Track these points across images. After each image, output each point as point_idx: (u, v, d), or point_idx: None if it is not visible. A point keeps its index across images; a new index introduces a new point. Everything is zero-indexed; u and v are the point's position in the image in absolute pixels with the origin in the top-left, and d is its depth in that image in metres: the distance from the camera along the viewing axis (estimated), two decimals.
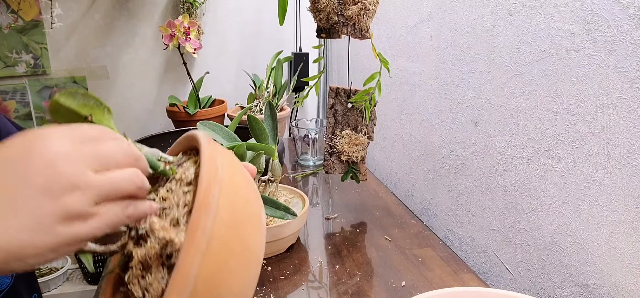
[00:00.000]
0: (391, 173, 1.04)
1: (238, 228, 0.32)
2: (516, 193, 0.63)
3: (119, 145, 0.31)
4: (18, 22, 1.17)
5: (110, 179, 0.30)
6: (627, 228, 0.47)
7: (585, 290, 0.53)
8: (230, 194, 0.32)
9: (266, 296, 0.59)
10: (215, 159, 0.33)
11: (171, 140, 1.02)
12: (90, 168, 0.29)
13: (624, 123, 0.47)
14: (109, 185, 0.30)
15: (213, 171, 0.32)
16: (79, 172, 0.28)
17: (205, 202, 0.30)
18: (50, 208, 0.27)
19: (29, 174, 0.27)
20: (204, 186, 0.30)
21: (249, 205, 0.35)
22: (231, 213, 0.32)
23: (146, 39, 1.32)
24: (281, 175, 0.71)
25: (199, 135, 0.36)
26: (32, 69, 1.21)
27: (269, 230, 0.65)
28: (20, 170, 0.27)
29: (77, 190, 0.28)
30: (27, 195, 0.27)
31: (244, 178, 0.37)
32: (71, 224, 0.28)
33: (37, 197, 0.27)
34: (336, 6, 0.66)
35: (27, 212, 0.27)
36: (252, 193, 0.37)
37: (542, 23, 0.56)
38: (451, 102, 0.76)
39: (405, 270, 0.65)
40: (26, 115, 1.24)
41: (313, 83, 0.78)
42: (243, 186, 0.35)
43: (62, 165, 0.28)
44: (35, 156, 0.28)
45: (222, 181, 0.31)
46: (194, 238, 0.29)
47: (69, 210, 0.28)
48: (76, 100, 0.32)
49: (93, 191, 0.29)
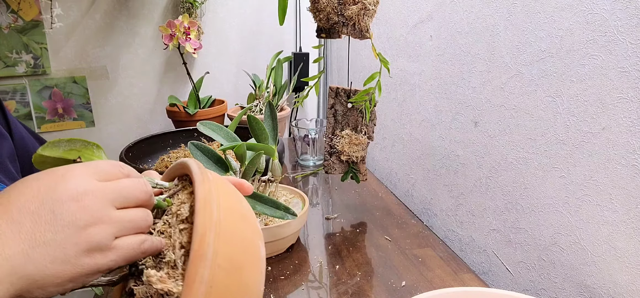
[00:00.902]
0: (391, 174, 1.04)
1: (236, 271, 0.32)
2: (516, 193, 0.63)
3: (135, 184, 0.34)
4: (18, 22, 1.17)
5: (130, 215, 0.32)
6: (627, 228, 0.47)
7: (585, 290, 0.53)
8: (227, 237, 0.32)
9: (266, 296, 0.59)
10: (210, 202, 0.32)
11: (171, 140, 1.02)
12: (112, 205, 0.31)
13: (624, 123, 0.47)
14: (128, 221, 0.32)
15: (208, 215, 0.31)
16: (103, 208, 0.31)
17: (201, 251, 0.29)
18: (75, 240, 0.29)
19: (57, 208, 0.29)
20: (199, 233, 0.30)
21: (247, 244, 0.34)
22: (229, 258, 0.31)
23: (146, 39, 1.32)
24: (281, 175, 0.71)
25: (193, 168, 0.36)
26: (32, 69, 1.21)
27: (269, 230, 0.65)
28: (49, 204, 0.29)
29: (100, 223, 0.30)
30: (56, 227, 0.29)
31: (241, 213, 0.36)
32: (92, 256, 0.30)
33: (64, 229, 0.29)
34: (336, 6, 0.66)
35: (54, 243, 0.29)
36: (250, 227, 0.36)
37: (542, 23, 0.56)
38: (451, 102, 0.76)
39: (405, 270, 0.65)
40: (26, 115, 1.24)
41: (313, 83, 0.78)
42: (241, 224, 0.35)
43: (87, 201, 0.30)
44: (62, 191, 0.30)
45: (218, 224, 0.31)
46: (191, 289, 0.29)
47: (91, 243, 0.30)
48: (61, 148, 0.33)
49: (115, 226, 0.31)
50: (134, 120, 1.36)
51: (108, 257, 0.31)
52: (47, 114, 1.26)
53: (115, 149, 1.33)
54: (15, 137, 0.61)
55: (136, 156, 0.92)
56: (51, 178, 0.30)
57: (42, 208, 0.29)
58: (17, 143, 0.61)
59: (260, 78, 1.27)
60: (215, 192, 0.33)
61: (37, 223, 0.29)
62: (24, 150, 0.62)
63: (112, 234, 0.31)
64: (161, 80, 1.37)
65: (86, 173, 0.31)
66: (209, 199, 0.32)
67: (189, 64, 1.27)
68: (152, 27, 1.31)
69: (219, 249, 0.30)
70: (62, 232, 0.29)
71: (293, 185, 0.97)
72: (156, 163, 0.95)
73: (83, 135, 1.32)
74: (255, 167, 0.65)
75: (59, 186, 0.30)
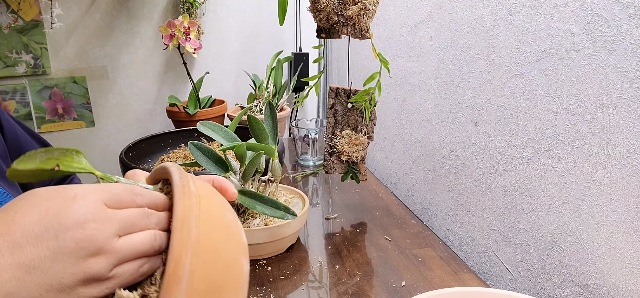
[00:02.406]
0: (391, 173, 1.04)
1: (215, 293, 0.30)
2: (516, 193, 0.63)
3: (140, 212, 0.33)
4: (18, 22, 1.17)
5: (132, 243, 0.31)
6: (627, 228, 0.47)
7: (585, 290, 0.53)
8: (206, 256, 0.30)
9: (266, 296, 0.59)
10: (188, 219, 0.30)
11: (171, 140, 1.02)
12: (116, 233, 0.31)
13: (624, 123, 0.47)
14: (130, 250, 0.31)
15: (185, 235, 0.29)
16: (106, 238, 0.30)
17: (176, 275, 0.28)
18: (73, 270, 0.28)
19: (61, 234, 0.28)
20: (174, 256, 0.28)
21: (229, 262, 0.32)
22: (207, 279, 0.30)
23: (146, 39, 1.32)
24: (281, 175, 0.71)
25: (175, 178, 0.33)
26: (32, 69, 1.21)
27: (269, 230, 0.65)
28: (53, 229, 0.28)
29: (102, 254, 0.29)
30: (56, 255, 0.28)
31: (225, 225, 0.34)
32: (89, 286, 0.29)
33: (64, 258, 0.28)
34: (336, 6, 0.66)
35: (52, 272, 0.28)
36: (233, 242, 0.34)
37: (542, 23, 0.56)
38: (451, 102, 0.76)
39: (405, 270, 0.65)
40: (26, 115, 1.24)
41: (313, 83, 0.78)
42: (223, 239, 0.32)
43: (92, 230, 0.29)
44: (70, 216, 0.29)
45: (196, 244, 0.29)
46: None
47: (89, 274, 0.29)
48: (37, 160, 0.31)
49: (116, 256, 0.30)
50: (134, 120, 1.36)
51: (105, 285, 0.30)
52: (47, 114, 1.26)
53: (115, 149, 1.34)
54: (7, 134, 0.59)
55: (136, 156, 0.92)
56: (61, 200, 0.29)
57: (47, 233, 0.28)
58: (10, 141, 0.59)
59: (260, 78, 1.27)
60: (196, 206, 0.31)
61: (38, 248, 0.28)
62: (17, 148, 0.60)
63: (111, 264, 0.30)
64: (161, 80, 1.37)
65: (98, 198, 0.30)
66: (187, 216, 0.30)
67: (189, 64, 1.27)
68: (152, 27, 1.31)
69: (196, 270, 0.29)
70: (61, 261, 0.28)
71: (293, 185, 0.97)
72: (156, 163, 0.95)
73: (83, 135, 1.32)
74: (255, 167, 0.65)
75: (68, 210, 0.29)
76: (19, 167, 0.30)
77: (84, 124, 1.31)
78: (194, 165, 0.66)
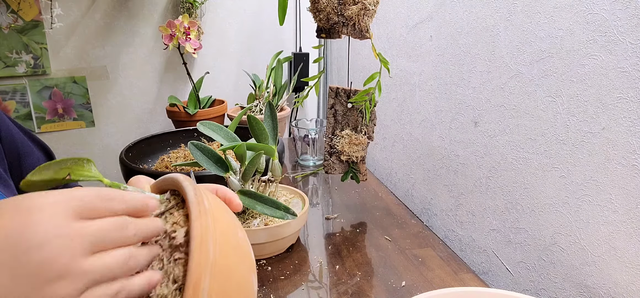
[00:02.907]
0: (391, 173, 1.04)
1: None
2: (516, 193, 0.63)
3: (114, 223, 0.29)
4: (18, 22, 1.17)
5: (104, 264, 0.27)
6: (627, 228, 0.47)
7: (585, 290, 0.53)
8: (221, 278, 0.30)
9: (266, 296, 0.59)
10: (207, 241, 0.29)
11: (171, 140, 1.02)
12: (85, 252, 0.27)
13: (624, 123, 0.47)
14: (100, 272, 0.27)
15: (204, 257, 0.29)
16: (73, 258, 0.26)
17: None
18: (35, 296, 0.25)
19: (21, 256, 0.25)
20: (194, 279, 0.28)
21: (241, 281, 0.32)
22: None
23: (146, 39, 1.32)
24: (281, 175, 0.71)
25: (190, 196, 0.32)
26: (32, 69, 1.21)
27: (269, 230, 0.65)
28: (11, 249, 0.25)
29: (67, 278, 0.26)
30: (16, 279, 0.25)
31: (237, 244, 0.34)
32: None
33: (25, 282, 0.25)
34: (336, 6, 0.66)
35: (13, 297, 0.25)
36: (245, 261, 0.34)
37: (542, 23, 0.56)
38: (451, 102, 0.76)
39: (405, 270, 0.65)
40: (26, 115, 1.24)
41: (313, 83, 0.78)
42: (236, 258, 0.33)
43: (54, 250, 0.25)
44: (28, 237, 0.25)
45: (214, 265, 0.29)
46: None
47: None
48: (51, 170, 0.31)
49: (84, 279, 0.26)
50: (134, 120, 1.36)
51: None
52: (47, 114, 1.26)
53: (115, 149, 1.34)
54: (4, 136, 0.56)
55: (136, 156, 0.92)
56: (18, 218, 0.26)
57: (3, 254, 0.25)
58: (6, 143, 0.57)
59: (260, 78, 1.28)
60: (212, 226, 0.30)
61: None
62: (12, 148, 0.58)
63: (79, 290, 0.26)
64: (161, 80, 1.37)
65: (60, 212, 0.26)
66: (205, 238, 0.29)
67: (189, 64, 1.27)
68: (152, 27, 1.31)
69: (213, 293, 0.29)
70: (22, 286, 0.25)
71: (293, 185, 0.97)
72: (156, 163, 0.95)
73: (83, 135, 1.32)
74: (255, 167, 0.65)
75: (28, 227, 0.25)
76: (34, 178, 0.30)
77: (84, 124, 1.31)
78: (194, 165, 0.66)
